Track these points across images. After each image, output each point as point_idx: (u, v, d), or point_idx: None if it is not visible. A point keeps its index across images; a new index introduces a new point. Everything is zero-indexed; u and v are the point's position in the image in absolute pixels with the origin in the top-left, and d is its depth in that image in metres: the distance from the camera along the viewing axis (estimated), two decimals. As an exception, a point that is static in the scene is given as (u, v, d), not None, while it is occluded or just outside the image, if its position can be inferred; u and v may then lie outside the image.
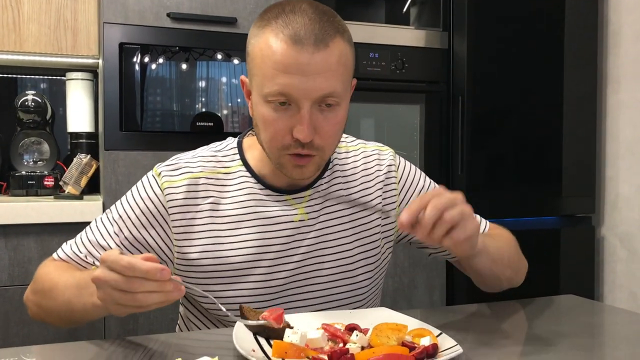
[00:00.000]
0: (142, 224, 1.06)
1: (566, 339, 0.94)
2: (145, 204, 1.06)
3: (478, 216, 1.22)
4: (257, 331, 0.89)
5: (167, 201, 1.05)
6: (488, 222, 1.24)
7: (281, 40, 0.94)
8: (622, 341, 0.98)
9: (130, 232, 1.06)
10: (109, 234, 1.06)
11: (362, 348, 0.83)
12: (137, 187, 1.09)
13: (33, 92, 2.15)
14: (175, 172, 1.07)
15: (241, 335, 0.85)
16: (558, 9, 2.38)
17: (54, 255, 1.10)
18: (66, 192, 2.00)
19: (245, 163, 1.10)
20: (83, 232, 1.10)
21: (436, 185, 1.22)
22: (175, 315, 1.37)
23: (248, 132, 1.16)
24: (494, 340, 0.94)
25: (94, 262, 1.06)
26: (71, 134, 2.26)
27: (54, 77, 2.38)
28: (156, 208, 1.06)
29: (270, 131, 0.99)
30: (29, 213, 1.75)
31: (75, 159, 2.07)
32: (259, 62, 0.97)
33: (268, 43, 0.96)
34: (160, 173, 1.07)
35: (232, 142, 1.14)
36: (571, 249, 2.44)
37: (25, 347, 0.91)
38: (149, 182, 1.08)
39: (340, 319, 0.94)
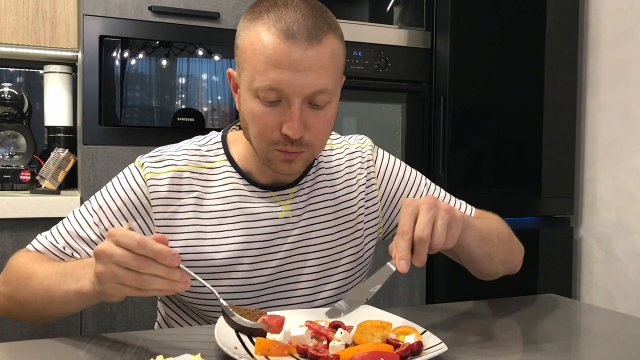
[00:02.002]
0: (123, 215, 1.04)
1: (547, 337, 0.95)
2: (127, 195, 1.04)
3: (463, 202, 1.22)
4: (239, 328, 0.87)
5: (150, 192, 1.03)
6: (474, 208, 1.21)
7: (273, 35, 0.93)
8: (601, 339, 0.99)
9: (111, 223, 1.04)
10: (89, 225, 1.04)
11: (346, 345, 0.82)
12: (118, 178, 1.07)
13: (9, 84, 2.10)
14: (159, 164, 1.05)
15: (223, 333, 0.84)
16: (540, 12, 2.40)
17: (29, 246, 1.06)
18: (43, 186, 1.96)
19: (229, 158, 1.09)
20: (60, 224, 1.07)
21: (417, 173, 1.20)
22: (154, 313, 1.35)
23: (232, 126, 1.14)
24: (477, 338, 0.94)
25: (72, 254, 1.03)
26: (49, 127, 2.22)
27: (32, 70, 2.33)
28: (138, 199, 1.04)
29: (259, 126, 0.97)
30: (4, 208, 1.72)
31: (52, 154, 2.03)
32: (249, 56, 0.95)
33: (259, 37, 0.94)
34: (143, 164, 1.05)
35: (216, 136, 1.12)
36: (549, 249, 2.46)
37: (-1, 344, 0.88)
38: (131, 173, 1.06)
39: (324, 316, 0.93)
